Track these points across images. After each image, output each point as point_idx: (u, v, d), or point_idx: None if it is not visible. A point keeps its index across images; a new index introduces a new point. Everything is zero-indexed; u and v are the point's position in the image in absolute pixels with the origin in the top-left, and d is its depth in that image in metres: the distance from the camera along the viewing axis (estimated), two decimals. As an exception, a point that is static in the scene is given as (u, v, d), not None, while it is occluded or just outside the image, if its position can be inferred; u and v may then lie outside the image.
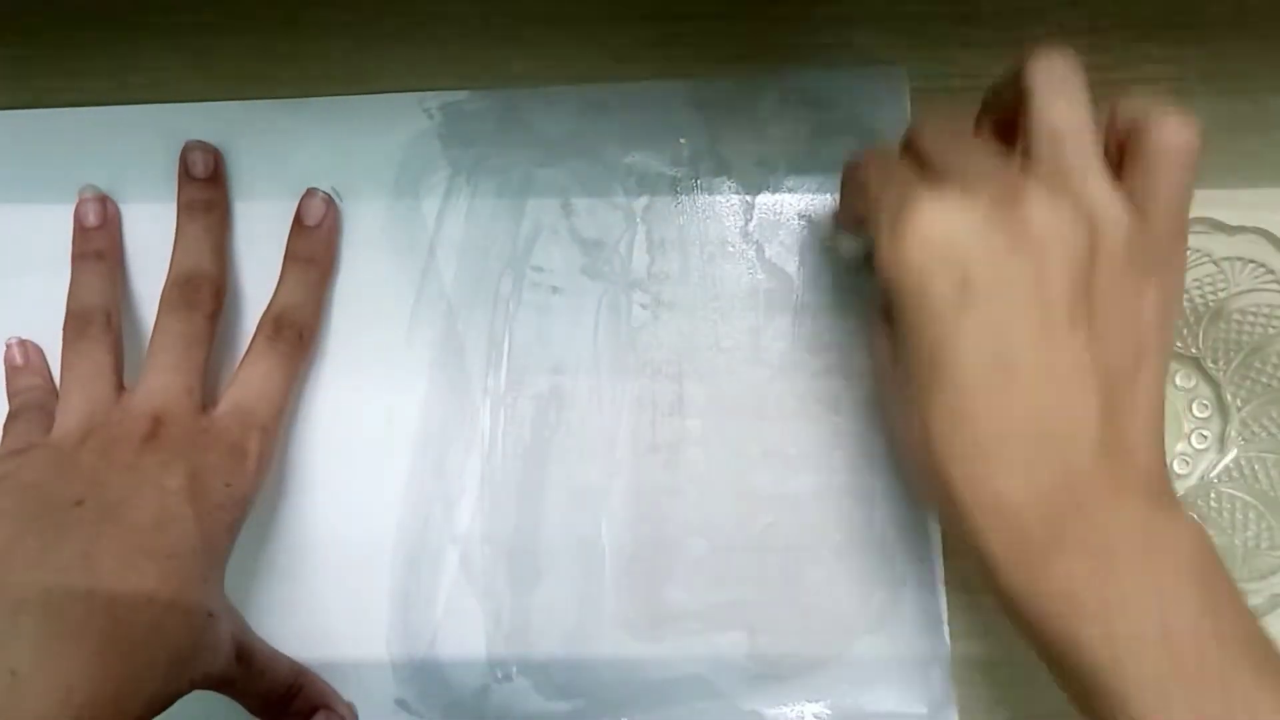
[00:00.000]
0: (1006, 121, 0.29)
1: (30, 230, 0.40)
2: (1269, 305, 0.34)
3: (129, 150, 0.40)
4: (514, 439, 0.38)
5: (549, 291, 0.39)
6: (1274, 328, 0.35)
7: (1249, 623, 0.26)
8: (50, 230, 0.40)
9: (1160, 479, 0.27)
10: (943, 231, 0.26)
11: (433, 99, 0.40)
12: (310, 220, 0.39)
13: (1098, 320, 0.26)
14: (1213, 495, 0.36)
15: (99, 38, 0.41)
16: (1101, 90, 0.38)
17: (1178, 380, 0.37)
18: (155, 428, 0.34)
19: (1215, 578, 0.26)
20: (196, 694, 0.31)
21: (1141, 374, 0.27)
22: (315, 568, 0.38)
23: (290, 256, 0.38)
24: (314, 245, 0.39)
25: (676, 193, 0.39)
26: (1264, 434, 0.36)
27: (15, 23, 0.41)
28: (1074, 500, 0.26)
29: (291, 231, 0.39)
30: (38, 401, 0.37)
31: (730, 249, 0.39)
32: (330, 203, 0.39)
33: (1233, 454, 0.36)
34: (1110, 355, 0.26)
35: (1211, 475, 0.36)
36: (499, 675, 0.37)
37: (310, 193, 0.39)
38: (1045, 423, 0.26)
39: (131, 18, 0.41)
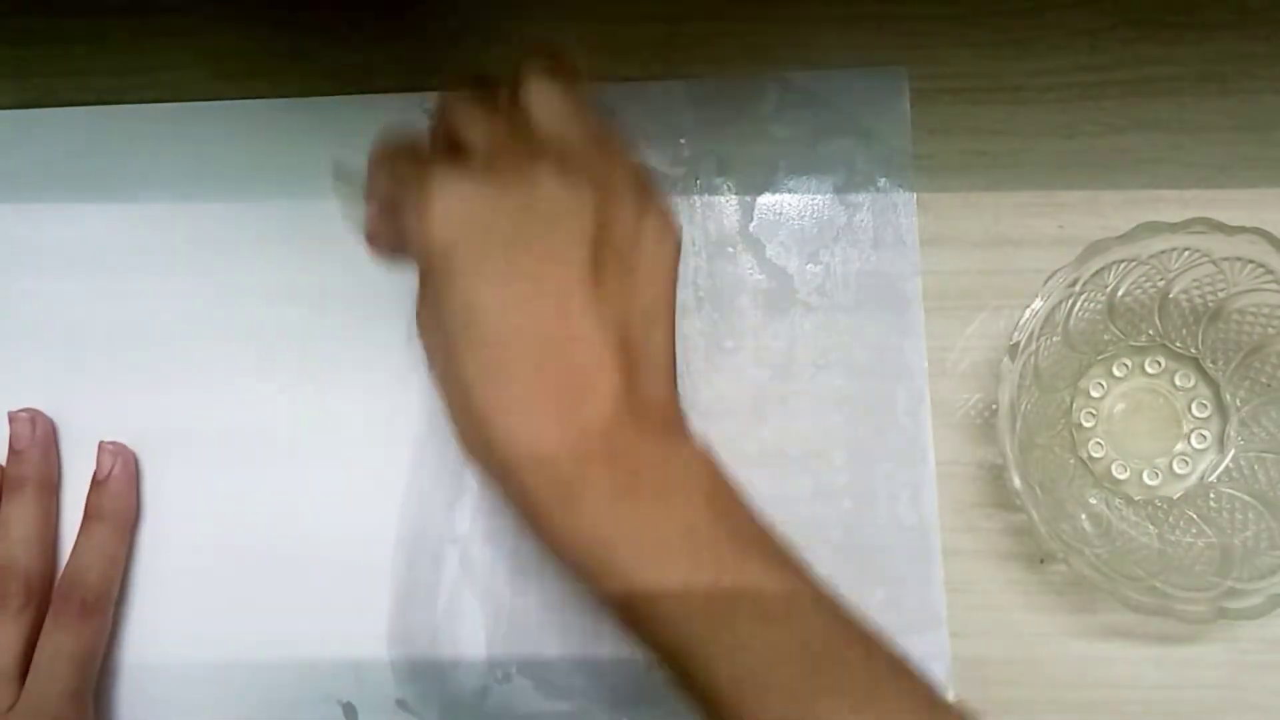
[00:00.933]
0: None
1: (32, 229, 0.40)
2: (1268, 305, 0.34)
3: (130, 149, 0.40)
4: (514, 439, 0.38)
5: (549, 291, 0.39)
6: (1273, 328, 0.35)
7: (754, 526, 0.29)
8: (51, 230, 0.40)
9: (673, 414, 0.30)
10: (461, 206, 0.28)
11: (433, 100, 0.40)
12: (100, 474, 0.38)
13: (614, 282, 0.29)
14: (1212, 495, 0.36)
15: (101, 37, 0.41)
16: (1102, 90, 0.39)
17: (1177, 380, 0.37)
18: None
19: (724, 491, 0.30)
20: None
21: (656, 328, 0.30)
22: (316, 568, 0.38)
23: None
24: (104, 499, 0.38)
25: (676, 193, 0.39)
26: (1264, 434, 0.36)
27: (17, 22, 0.41)
28: (601, 442, 0.28)
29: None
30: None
31: (730, 249, 0.39)
32: (118, 454, 0.38)
33: (1232, 454, 0.36)
34: (628, 312, 0.29)
35: (1211, 475, 0.36)
36: (499, 675, 0.37)
37: (100, 447, 0.39)
38: (572, 377, 0.28)
39: (133, 18, 0.41)
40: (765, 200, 0.39)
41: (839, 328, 0.38)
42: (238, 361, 0.39)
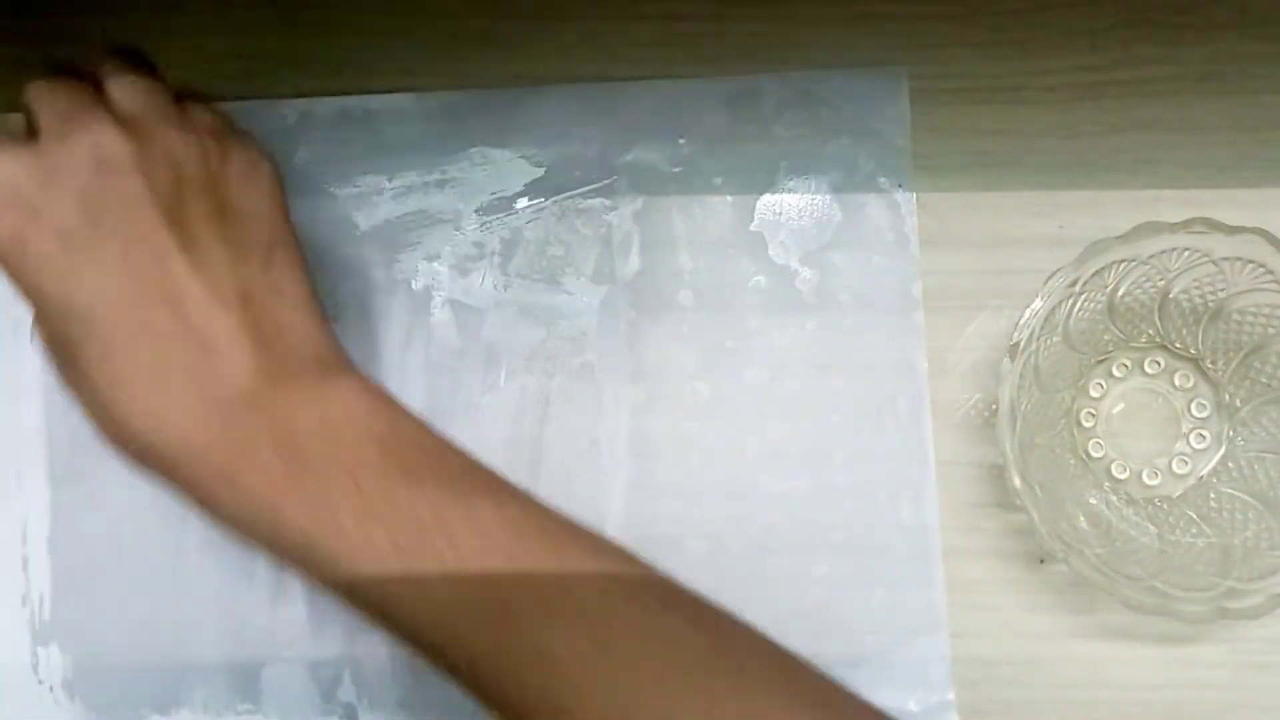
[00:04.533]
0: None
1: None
2: (1268, 305, 0.34)
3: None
4: (513, 439, 0.38)
5: (548, 291, 0.39)
6: (1273, 328, 0.35)
7: (430, 452, 0.29)
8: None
9: (323, 351, 0.29)
10: (13, 190, 0.27)
11: (432, 99, 0.40)
12: None
13: (213, 236, 0.28)
14: (1212, 495, 0.36)
15: (99, 38, 0.41)
16: (1102, 90, 0.39)
17: (1177, 380, 0.37)
18: None
19: (390, 426, 0.29)
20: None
21: (276, 266, 0.29)
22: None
23: None
24: None
25: (676, 192, 0.39)
26: (1264, 434, 0.36)
27: (16, 23, 0.41)
28: (250, 405, 0.27)
29: None
30: None
31: (730, 249, 0.39)
32: None
33: (1232, 454, 0.36)
34: (241, 262, 0.28)
35: (1210, 475, 0.36)
36: (499, 675, 0.37)
37: None
38: (199, 355, 0.27)
39: (130, 17, 0.41)
40: (765, 200, 0.39)
41: (839, 327, 0.38)
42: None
